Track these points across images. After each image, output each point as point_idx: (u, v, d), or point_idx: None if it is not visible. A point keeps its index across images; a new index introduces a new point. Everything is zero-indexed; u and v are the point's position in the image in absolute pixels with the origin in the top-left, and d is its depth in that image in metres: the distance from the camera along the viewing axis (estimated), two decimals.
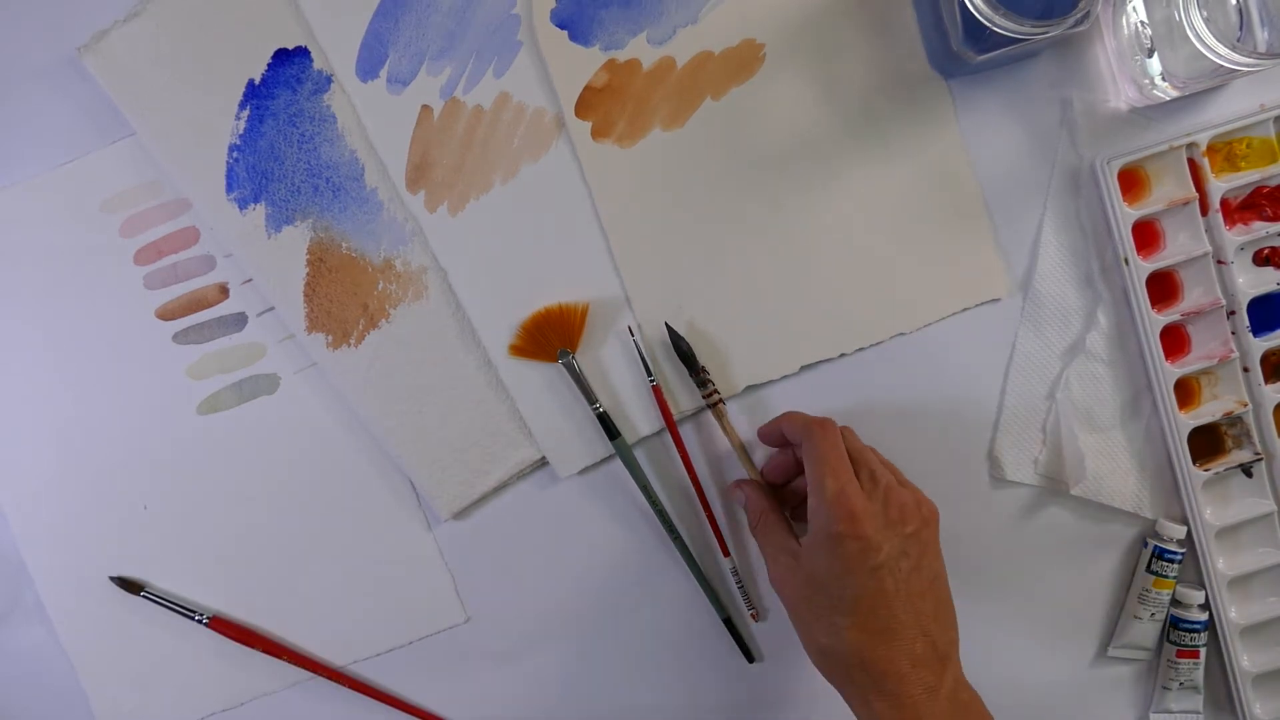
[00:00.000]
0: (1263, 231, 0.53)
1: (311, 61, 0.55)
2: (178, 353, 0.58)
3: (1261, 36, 0.50)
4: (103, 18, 0.54)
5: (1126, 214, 0.53)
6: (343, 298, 0.56)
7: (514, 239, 0.56)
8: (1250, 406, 0.54)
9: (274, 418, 0.58)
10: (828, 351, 0.56)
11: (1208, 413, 0.54)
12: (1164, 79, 0.51)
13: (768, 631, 0.59)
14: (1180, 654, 0.55)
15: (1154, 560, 0.55)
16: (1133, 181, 0.54)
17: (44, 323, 0.58)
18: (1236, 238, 0.53)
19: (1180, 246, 0.54)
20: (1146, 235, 0.54)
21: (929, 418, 0.56)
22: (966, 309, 0.56)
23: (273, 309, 0.57)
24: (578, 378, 0.55)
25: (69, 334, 0.58)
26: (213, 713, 0.60)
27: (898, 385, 0.56)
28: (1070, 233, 0.55)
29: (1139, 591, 0.55)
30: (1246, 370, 0.54)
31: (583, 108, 0.54)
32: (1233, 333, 0.54)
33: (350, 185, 0.56)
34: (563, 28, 0.54)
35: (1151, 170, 0.54)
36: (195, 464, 0.58)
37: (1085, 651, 0.58)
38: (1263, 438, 0.54)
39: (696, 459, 0.57)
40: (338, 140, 0.56)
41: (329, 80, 0.55)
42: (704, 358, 0.55)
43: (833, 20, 0.54)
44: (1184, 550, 0.55)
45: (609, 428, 0.55)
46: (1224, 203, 0.53)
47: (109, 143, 0.57)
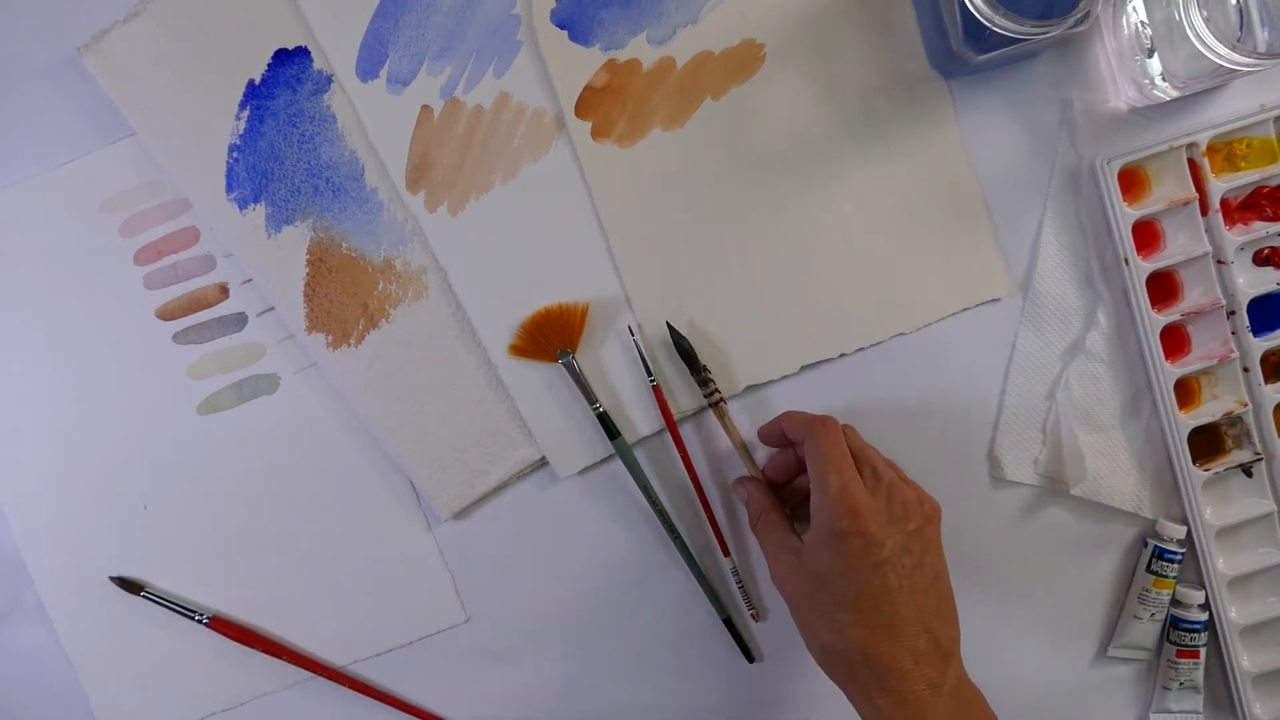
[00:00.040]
0: (1263, 231, 0.53)
1: (311, 61, 0.55)
2: (178, 353, 0.58)
3: (1261, 36, 0.50)
4: (103, 18, 0.54)
5: (1126, 214, 0.53)
6: (343, 298, 0.56)
7: (514, 239, 0.56)
8: (1250, 406, 0.54)
9: (274, 418, 0.58)
10: (828, 351, 0.56)
11: (1208, 413, 0.54)
12: (1164, 79, 0.51)
13: (768, 631, 0.59)
14: (1180, 654, 0.55)
15: (1154, 560, 0.55)
16: (1133, 181, 0.54)
17: (44, 323, 0.58)
18: (1236, 238, 0.53)
19: (1180, 246, 0.54)
20: (1146, 235, 0.54)
21: (929, 418, 0.56)
22: (966, 309, 0.56)
23: (273, 309, 0.57)
24: (578, 378, 0.55)
25: (69, 334, 0.58)
26: (213, 713, 0.60)
27: (898, 385, 0.56)
28: (1070, 233, 0.55)
29: (1139, 591, 0.55)
30: (1246, 370, 0.54)
31: (583, 108, 0.54)
32: (1233, 333, 0.54)
33: (350, 185, 0.56)
34: (563, 28, 0.54)
35: (1151, 170, 0.54)
36: (195, 464, 0.58)
37: (1085, 651, 0.58)
38: (1263, 438, 0.54)
39: (696, 459, 0.57)
40: (338, 140, 0.56)
41: (329, 80, 0.55)
42: (704, 357, 0.55)
43: (833, 20, 0.54)
44: (1184, 550, 0.55)
45: (609, 428, 0.55)
46: (1224, 203, 0.53)
47: (109, 143, 0.57)
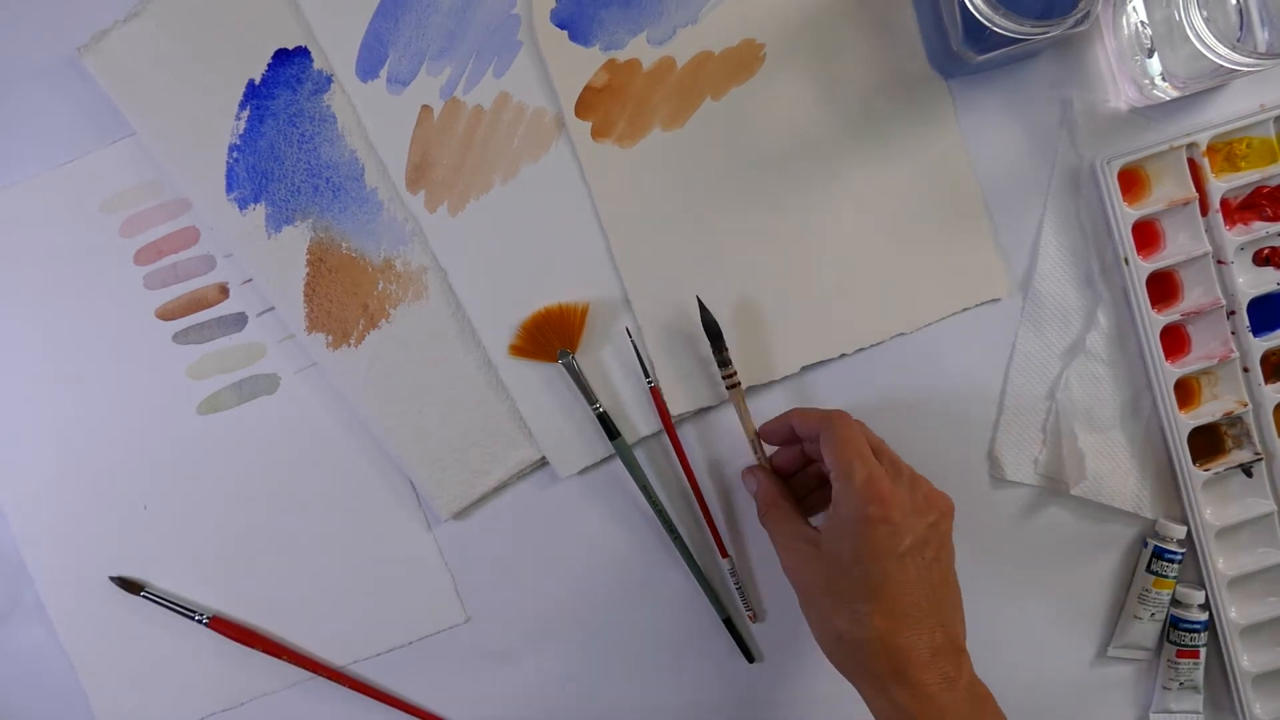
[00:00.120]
0: (1263, 231, 0.53)
1: (311, 61, 0.55)
2: (178, 353, 0.58)
3: (1261, 36, 0.50)
4: (103, 18, 0.54)
5: (1126, 214, 0.53)
6: (343, 298, 0.56)
7: (514, 239, 0.56)
8: (1250, 406, 0.54)
9: (274, 418, 0.58)
10: (828, 352, 0.56)
11: (1208, 413, 0.54)
12: (1164, 79, 0.51)
13: (767, 632, 0.59)
14: (1180, 654, 0.55)
15: (1154, 560, 0.55)
16: (1133, 181, 0.54)
17: (44, 323, 0.58)
18: (1236, 238, 0.53)
19: (1180, 246, 0.54)
20: (1146, 235, 0.54)
21: (929, 418, 0.56)
22: (966, 309, 0.56)
23: (273, 309, 0.57)
24: (578, 378, 0.55)
25: (69, 334, 0.58)
26: (213, 713, 0.60)
27: (898, 385, 0.56)
28: (1070, 233, 0.55)
29: (1139, 591, 0.55)
30: (1246, 370, 0.54)
31: (583, 108, 0.54)
32: (1233, 333, 0.54)
33: (350, 185, 0.56)
34: (563, 28, 0.54)
35: (1151, 170, 0.54)
36: (195, 464, 0.58)
37: (1085, 651, 0.58)
38: (1263, 438, 0.54)
39: (695, 460, 0.57)
40: (338, 140, 0.56)
41: (329, 80, 0.55)
42: (705, 357, 0.55)
43: (833, 20, 0.54)
44: (1184, 550, 0.55)
45: (609, 428, 0.55)
46: (1224, 203, 0.53)
47: (109, 143, 0.57)
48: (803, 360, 0.56)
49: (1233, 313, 0.54)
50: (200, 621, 0.58)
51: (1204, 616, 0.55)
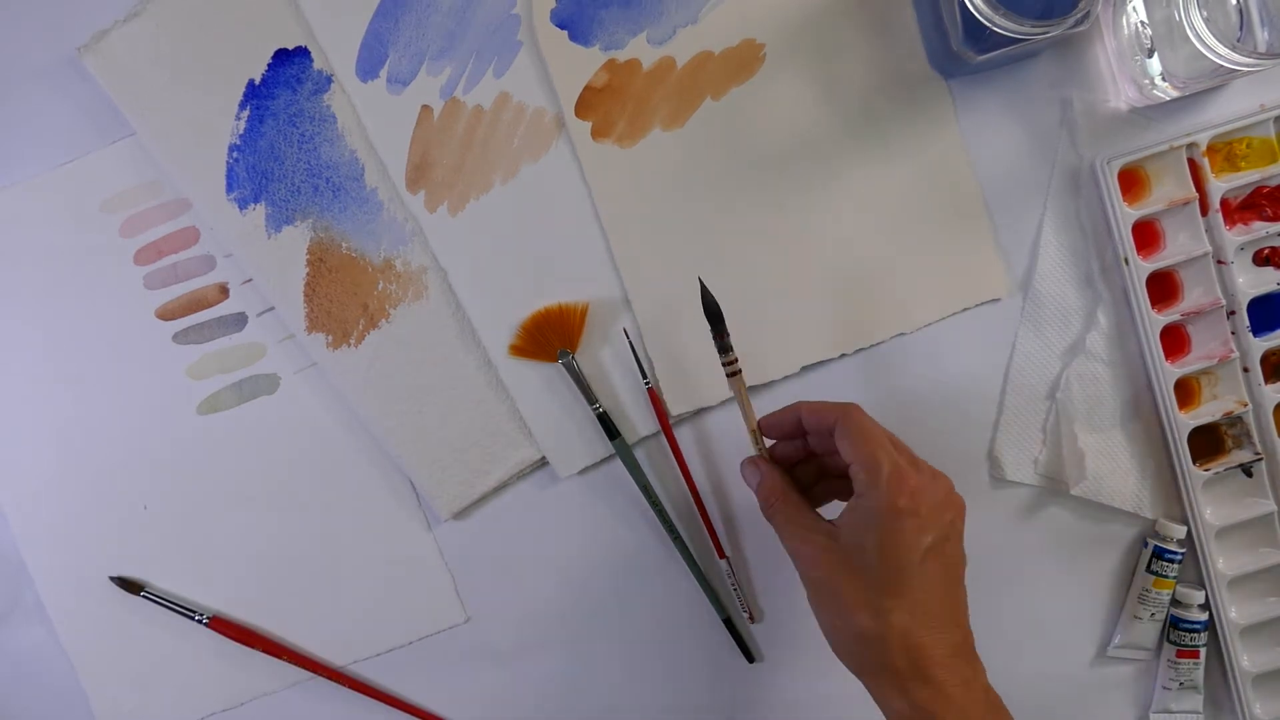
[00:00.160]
0: (1263, 231, 0.53)
1: (311, 61, 0.55)
2: (178, 353, 0.58)
3: (1261, 36, 0.50)
4: (103, 18, 0.54)
5: (1126, 214, 0.53)
6: (343, 298, 0.56)
7: (514, 239, 0.56)
8: (1250, 406, 0.54)
9: (274, 418, 0.58)
10: (828, 351, 0.56)
11: (1208, 413, 0.54)
12: (1164, 79, 0.51)
13: (767, 632, 0.59)
14: (1180, 654, 0.55)
15: (1154, 560, 0.55)
16: (1133, 181, 0.54)
17: (44, 323, 0.58)
18: (1236, 238, 0.53)
19: (1180, 246, 0.54)
20: (1146, 235, 0.54)
21: (929, 418, 0.56)
22: (966, 309, 0.56)
23: (273, 309, 0.57)
24: (578, 378, 0.55)
25: (69, 334, 0.58)
26: (213, 713, 0.60)
27: (898, 385, 0.56)
28: (1070, 233, 0.55)
29: (1139, 591, 0.55)
30: (1246, 370, 0.54)
31: (583, 108, 0.54)
32: (1233, 333, 0.54)
33: (350, 185, 0.56)
34: (563, 28, 0.54)
35: (1151, 170, 0.54)
36: (195, 464, 0.58)
37: (1085, 651, 0.58)
38: (1263, 438, 0.54)
39: (694, 461, 0.57)
40: (338, 140, 0.56)
41: (329, 80, 0.55)
42: (704, 358, 0.55)
43: (833, 20, 0.54)
44: (1184, 550, 0.55)
45: (609, 428, 0.55)
46: (1224, 203, 0.53)
47: (109, 143, 0.57)
48: (803, 360, 0.56)
49: (1233, 313, 0.54)
50: (200, 621, 0.58)
51: (1204, 616, 0.55)
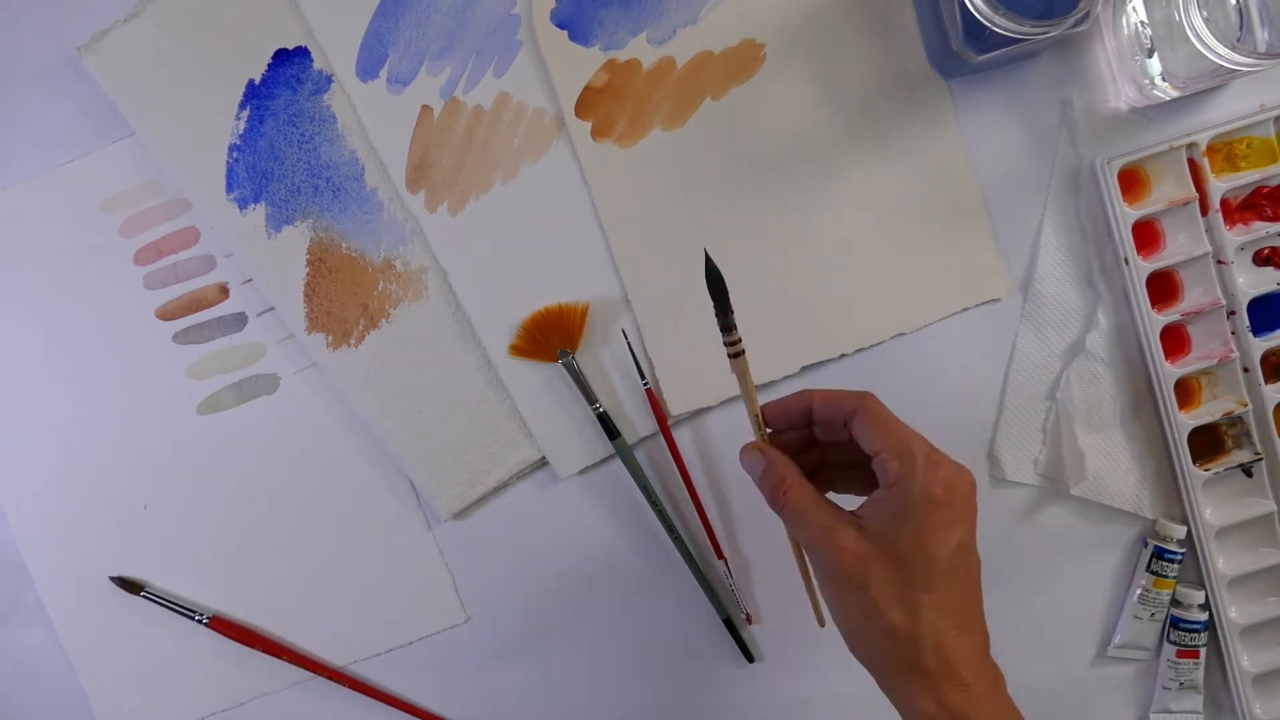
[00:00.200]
0: (1263, 231, 0.53)
1: (311, 61, 0.55)
2: (178, 353, 0.58)
3: (1261, 36, 0.50)
4: (103, 18, 0.54)
5: (1126, 214, 0.53)
6: (343, 298, 0.56)
7: (514, 239, 0.56)
8: (1250, 406, 0.54)
9: (274, 418, 0.58)
10: (828, 351, 0.56)
11: (1208, 413, 0.54)
12: (1164, 79, 0.51)
13: (766, 632, 0.59)
14: (1180, 654, 0.55)
15: (1154, 560, 0.55)
16: (1133, 181, 0.54)
17: (44, 323, 0.58)
18: (1236, 238, 0.53)
19: (1180, 246, 0.54)
20: (1146, 235, 0.54)
21: (929, 418, 0.56)
22: (966, 309, 0.56)
23: (273, 309, 0.57)
24: (578, 378, 0.55)
25: (69, 334, 0.58)
26: (213, 713, 0.60)
27: (898, 385, 0.56)
28: (1070, 233, 0.55)
29: (1139, 591, 0.55)
30: (1246, 370, 0.54)
31: (583, 108, 0.54)
32: (1233, 333, 0.54)
33: (350, 185, 0.56)
34: (563, 28, 0.54)
35: (1151, 170, 0.54)
36: (195, 464, 0.58)
37: (1085, 651, 0.58)
38: (1263, 438, 0.54)
39: (694, 462, 0.57)
40: (338, 140, 0.56)
41: (329, 80, 0.55)
42: (704, 358, 0.55)
43: (833, 20, 0.54)
44: (1184, 550, 0.55)
45: (609, 428, 0.55)
46: (1224, 203, 0.53)
47: (109, 143, 0.57)
48: (803, 360, 0.56)
49: (1233, 313, 0.54)
50: (200, 621, 0.58)
51: (1204, 616, 0.55)
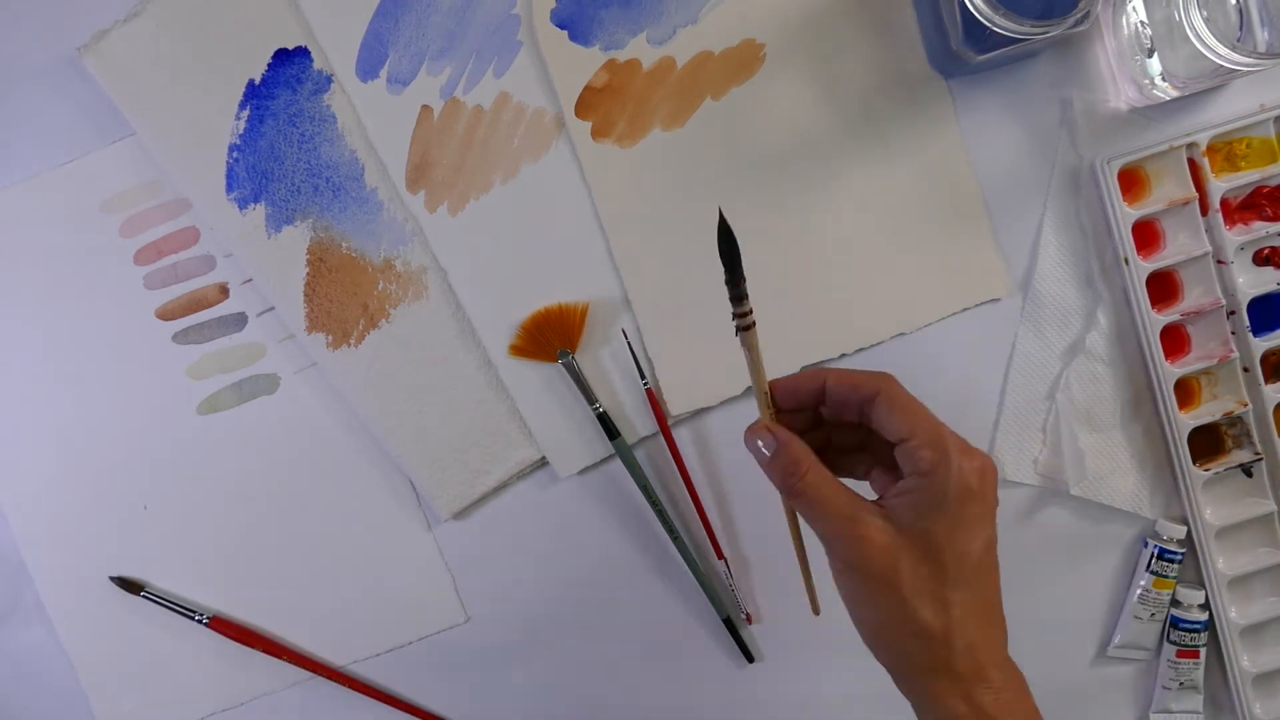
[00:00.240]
0: (1263, 231, 0.53)
1: (311, 61, 0.55)
2: (178, 353, 0.58)
3: (1261, 36, 0.50)
4: (103, 18, 0.54)
5: (1126, 214, 0.53)
6: (343, 298, 0.56)
7: (514, 239, 0.56)
8: (1250, 406, 0.54)
9: (274, 418, 0.58)
10: (828, 352, 0.56)
11: (1208, 413, 0.54)
12: (1164, 79, 0.51)
13: (766, 632, 0.59)
14: (1180, 654, 0.55)
15: (1154, 560, 0.55)
16: (1133, 181, 0.54)
17: (44, 323, 0.58)
18: (1236, 238, 0.53)
19: (1180, 246, 0.54)
20: (1146, 235, 0.54)
21: None
22: (966, 309, 0.56)
23: (273, 309, 0.57)
24: (577, 378, 0.55)
25: (69, 334, 0.58)
26: (213, 713, 0.60)
27: None
28: (1070, 233, 0.55)
29: (1139, 591, 0.55)
30: (1246, 370, 0.54)
31: (583, 108, 0.54)
32: (1233, 333, 0.54)
33: (350, 185, 0.56)
34: (563, 28, 0.54)
35: (1151, 170, 0.54)
36: (195, 464, 0.58)
37: (1085, 651, 0.58)
38: (1263, 438, 0.54)
39: (694, 462, 0.57)
40: (338, 140, 0.56)
41: (329, 80, 0.55)
42: (704, 358, 0.55)
43: (833, 20, 0.54)
44: (1184, 550, 0.55)
45: (609, 428, 0.55)
46: (1224, 203, 0.53)
47: (109, 143, 0.57)
48: (803, 360, 0.56)
49: (1233, 313, 0.54)
50: (200, 621, 0.58)
51: (1204, 616, 0.55)
